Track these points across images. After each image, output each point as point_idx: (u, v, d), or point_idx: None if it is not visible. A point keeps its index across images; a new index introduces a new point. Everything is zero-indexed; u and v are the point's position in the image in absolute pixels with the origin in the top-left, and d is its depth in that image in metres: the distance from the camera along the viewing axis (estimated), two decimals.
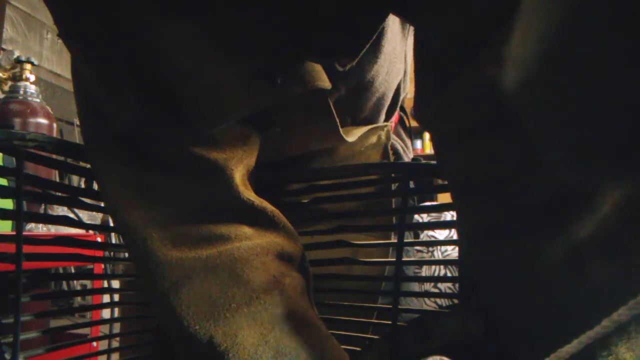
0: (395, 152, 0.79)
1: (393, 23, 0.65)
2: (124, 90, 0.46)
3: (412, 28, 0.71)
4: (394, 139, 0.81)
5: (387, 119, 0.77)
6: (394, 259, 0.64)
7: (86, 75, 0.49)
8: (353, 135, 0.68)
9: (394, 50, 0.69)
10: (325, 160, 0.72)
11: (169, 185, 0.49)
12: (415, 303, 1.26)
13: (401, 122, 0.87)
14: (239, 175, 0.50)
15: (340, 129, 0.62)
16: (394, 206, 0.71)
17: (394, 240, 0.66)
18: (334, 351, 0.50)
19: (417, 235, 1.31)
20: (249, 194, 0.51)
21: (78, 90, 0.51)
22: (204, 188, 0.49)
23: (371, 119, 0.74)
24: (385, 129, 0.76)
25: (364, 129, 0.71)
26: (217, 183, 0.49)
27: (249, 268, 0.48)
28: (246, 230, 0.50)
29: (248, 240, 0.50)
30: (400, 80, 0.76)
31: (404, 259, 0.64)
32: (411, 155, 0.86)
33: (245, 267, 0.48)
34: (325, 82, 0.50)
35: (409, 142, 0.88)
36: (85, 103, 0.51)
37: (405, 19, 0.58)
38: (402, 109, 0.87)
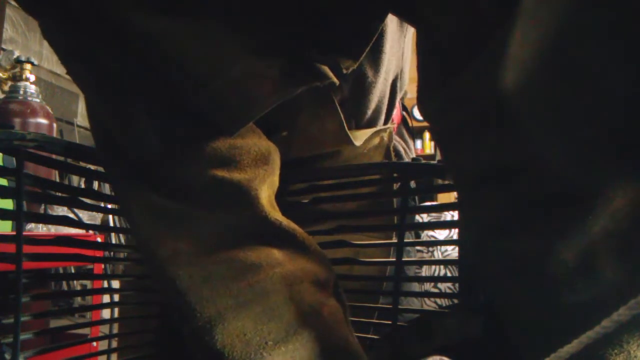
0: (397, 154, 0.79)
1: (391, 22, 0.66)
2: (138, 120, 0.44)
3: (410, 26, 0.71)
4: (396, 140, 0.81)
5: (387, 119, 0.77)
6: (394, 259, 0.64)
7: (98, 108, 0.48)
8: (359, 139, 0.68)
9: (392, 49, 0.69)
10: (328, 163, 0.71)
11: (193, 213, 0.47)
12: (415, 303, 1.26)
13: (404, 122, 0.87)
14: (264, 196, 0.48)
15: (346, 126, 0.62)
16: (394, 206, 0.71)
17: (394, 240, 0.66)
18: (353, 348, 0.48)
19: (417, 236, 1.31)
20: (276, 215, 0.49)
21: (93, 124, 0.50)
22: (229, 211, 0.47)
23: (373, 121, 0.74)
24: (388, 130, 0.76)
25: (368, 132, 0.71)
26: (242, 205, 0.47)
27: (283, 300, 0.46)
28: (277, 255, 0.48)
29: (280, 267, 0.47)
30: (397, 78, 0.76)
31: (404, 259, 0.64)
32: (413, 155, 0.87)
33: (279, 300, 0.46)
34: (333, 78, 0.49)
35: (411, 142, 0.88)
36: (101, 135, 0.49)
37: (405, 19, 0.58)
38: (405, 109, 0.87)
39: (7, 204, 0.63)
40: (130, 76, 0.44)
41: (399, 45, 0.72)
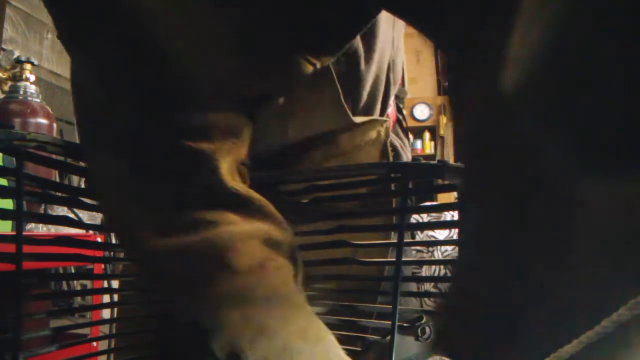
0: (395, 149, 0.79)
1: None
2: (122, 88, 0.47)
3: None
4: (393, 137, 0.81)
5: (382, 112, 0.77)
6: (393, 259, 0.64)
7: (83, 78, 0.50)
8: (356, 119, 0.68)
9: (384, 34, 0.70)
10: (326, 151, 0.72)
11: (159, 177, 0.50)
12: (414, 303, 1.26)
13: (399, 122, 0.87)
14: (225, 166, 0.51)
15: (342, 98, 0.62)
16: (393, 206, 0.71)
17: (393, 240, 0.66)
18: (317, 332, 0.50)
19: (413, 236, 1.31)
20: (235, 184, 0.51)
21: (75, 96, 0.52)
22: (192, 178, 0.50)
23: (369, 109, 0.74)
24: (385, 125, 0.76)
25: (364, 118, 0.72)
26: (204, 172, 0.50)
27: (232, 253, 0.49)
28: (231, 217, 0.51)
29: (233, 225, 0.50)
30: (390, 69, 0.76)
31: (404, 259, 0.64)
32: (409, 154, 0.87)
33: (229, 252, 0.49)
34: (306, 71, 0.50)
35: (406, 141, 0.89)
36: (81, 107, 0.52)
37: (398, 16, 0.58)
38: (399, 110, 0.88)
39: (7, 204, 0.63)
40: (114, 49, 0.46)
41: (390, 33, 0.72)
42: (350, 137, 0.72)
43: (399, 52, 0.79)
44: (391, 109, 0.82)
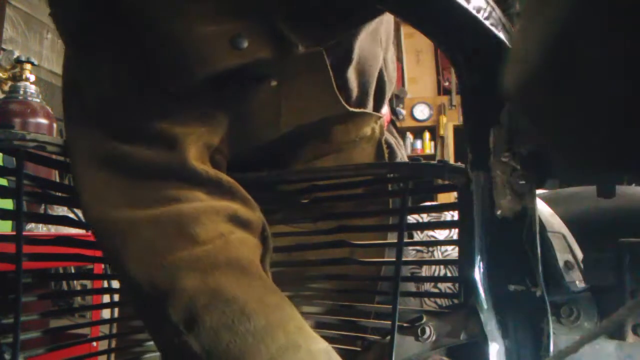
0: (390, 147, 0.80)
1: None
2: (100, 54, 0.51)
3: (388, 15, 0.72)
4: (388, 135, 0.81)
5: (377, 109, 0.77)
6: (393, 259, 0.64)
7: (73, 60, 0.55)
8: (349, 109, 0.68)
9: (372, 28, 0.69)
10: (320, 147, 0.72)
11: (130, 153, 0.52)
12: (413, 302, 1.26)
13: (393, 122, 0.88)
14: (194, 150, 0.53)
15: (334, 84, 0.62)
16: (390, 206, 0.71)
17: (390, 239, 0.66)
18: (276, 302, 0.50)
19: (411, 236, 1.31)
20: (204, 166, 0.53)
21: (64, 68, 0.56)
22: (162, 158, 0.52)
23: (361, 103, 0.73)
24: (379, 122, 0.76)
25: (357, 110, 0.71)
26: (173, 155, 0.52)
27: (195, 223, 0.50)
28: (199, 194, 0.53)
29: (199, 202, 0.52)
30: (382, 68, 0.75)
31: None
32: (404, 152, 0.88)
33: (192, 222, 0.50)
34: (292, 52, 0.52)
35: (400, 140, 0.89)
36: (66, 77, 0.56)
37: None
38: (394, 111, 0.88)
39: (7, 204, 0.63)
40: (102, 28, 0.50)
41: (378, 31, 0.72)
42: (344, 131, 0.71)
43: (389, 50, 0.79)
44: (386, 109, 0.82)
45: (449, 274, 1.39)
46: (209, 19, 0.47)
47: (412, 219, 1.37)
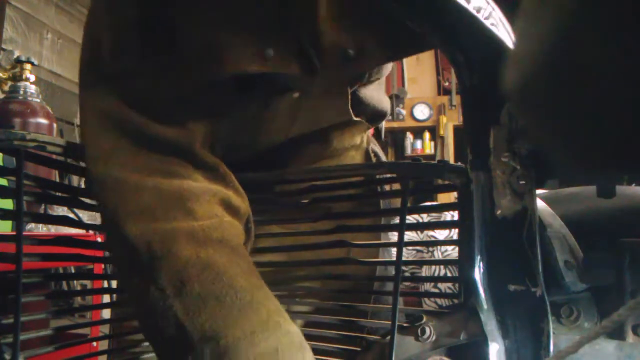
0: (376, 155, 0.82)
1: None
2: (132, 20, 0.54)
3: None
4: (373, 142, 0.84)
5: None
6: (393, 259, 0.64)
7: (97, 20, 0.57)
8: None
9: None
10: (318, 150, 0.74)
11: (144, 123, 0.54)
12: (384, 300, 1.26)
13: (376, 133, 0.90)
14: (201, 136, 0.57)
15: (349, 103, 0.66)
16: (382, 207, 0.72)
17: (384, 239, 0.66)
18: (258, 280, 0.53)
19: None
20: (204, 152, 0.57)
21: (85, 32, 0.58)
22: (173, 135, 0.55)
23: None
24: (367, 132, 0.80)
25: (357, 118, 0.74)
26: (183, 134, 0.55)
27: (194, 200, 0.53)
28: (198, 176, 0.56)
29: (199, 182, 0.55)
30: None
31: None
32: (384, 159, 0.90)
33: (192, 199, 0.53)
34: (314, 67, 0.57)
35: (382, 152, 0.93)
36: (89, 33, 0.58)
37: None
38: (392, 113, 0.90)
39: (7, 204, 0.63)
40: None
41: None
42: (340, 138, 0.74)
43: None
44: None
45: (449, 274, 1.39)
46: (246, 30, 0.54)
47: (411, 219, 1.37)
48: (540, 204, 0.58)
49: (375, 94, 0.74)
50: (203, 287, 0.49)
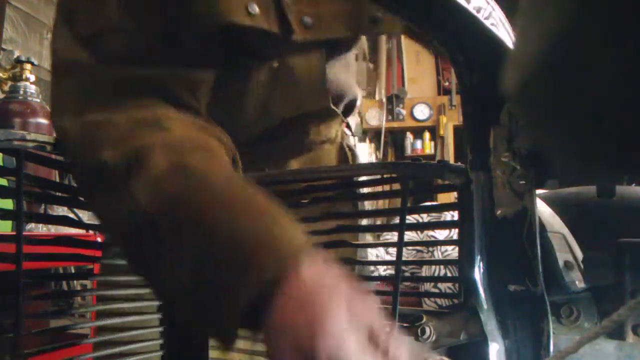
0: (351, 149, 0.83)
1: None
2: None
3: None
4: (347, 137, 0.85)
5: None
6: (393, 259, 0.64)
7: None
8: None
9: None
10: (295, 140, 0.74)
11: (119, 72, 0.53)
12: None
13: (347, 128, 0.90)
14: (184, 84, 0.56)
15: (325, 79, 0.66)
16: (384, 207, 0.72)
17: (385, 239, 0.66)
18: (243, 184, 0.50)
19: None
20: (187, 96, 0.56)
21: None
22: (150, 79, 0.54)
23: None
24: (341, 127, 0.80)
25: (335, 108, 0.75)
26: (162, 81, 0.55)
27: (172, 122, 0.52)
28: (182, 115, 0.55)
29: (178, 114, 0.54)
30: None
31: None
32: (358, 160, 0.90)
33: (169, 121, 0.52)
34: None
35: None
36: (62, 9, 0.56)
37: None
38: (348, 125, 0.90)
39: (7, 204, 0.63)
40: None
41: None
42: (316, 131, 0.74)
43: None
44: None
45: (449, 274, 1.39)
46: None
47: (411, 219, 1.37)
48: (540, 204, 0.58)
49: (342, 76, 0.75)
50: (178, 189, 0.48)
